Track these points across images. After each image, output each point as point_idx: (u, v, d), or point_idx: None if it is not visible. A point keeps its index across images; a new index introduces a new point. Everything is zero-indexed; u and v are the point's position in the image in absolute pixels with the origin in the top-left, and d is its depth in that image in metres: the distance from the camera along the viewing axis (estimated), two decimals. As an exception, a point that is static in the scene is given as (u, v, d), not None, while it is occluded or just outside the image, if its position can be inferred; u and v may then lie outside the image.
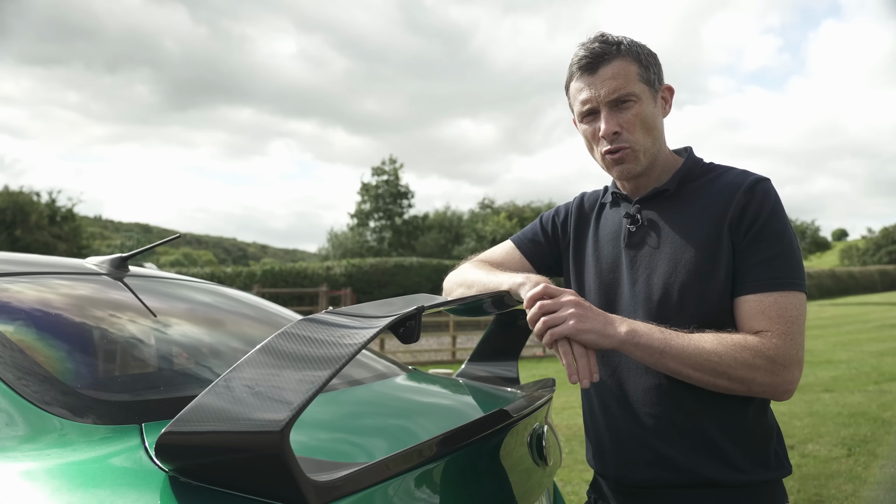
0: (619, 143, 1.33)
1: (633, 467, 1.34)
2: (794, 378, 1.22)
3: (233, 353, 1.51)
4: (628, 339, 1.19)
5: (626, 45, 1.34)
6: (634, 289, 1.35)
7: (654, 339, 1.20)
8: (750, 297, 1.25)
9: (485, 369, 1.85)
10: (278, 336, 0.88)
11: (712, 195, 1.33)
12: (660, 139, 1.38)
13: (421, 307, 1.02)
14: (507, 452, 1.29)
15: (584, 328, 1.16)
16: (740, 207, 1.28)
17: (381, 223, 47.37)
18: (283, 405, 0.76)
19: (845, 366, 10.13)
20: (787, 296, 1.24)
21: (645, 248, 1.37)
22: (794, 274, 1.25)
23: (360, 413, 1.35)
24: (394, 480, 0.94)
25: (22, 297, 1.35)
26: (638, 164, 1.35)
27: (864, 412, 6.56)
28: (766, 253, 1.26)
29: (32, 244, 33.01)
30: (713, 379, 1.21)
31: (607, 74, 1.32)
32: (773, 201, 1.29)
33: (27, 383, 1.04)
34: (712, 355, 1.19)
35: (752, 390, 1.22)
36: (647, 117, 1.33)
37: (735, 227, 1.28)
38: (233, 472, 0.79)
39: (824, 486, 4.29)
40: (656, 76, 1.37)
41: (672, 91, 1.41)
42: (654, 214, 1.38)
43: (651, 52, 1.38)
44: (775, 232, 1.27)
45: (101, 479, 0.88)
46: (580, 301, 1.19)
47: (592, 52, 1.33)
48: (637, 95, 1.32)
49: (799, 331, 1.23)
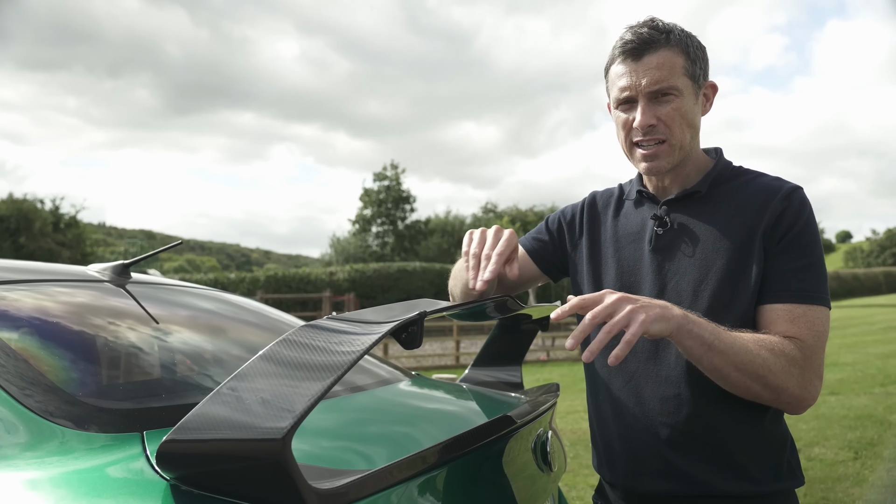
0: (655, 135, 1.27)
1: (643, 477, 1.31)
2: (816, 392, 1.19)
3: (235, 361, 1.51)
4: (684, 324, 1.10)
5: (676, 34, 1.27)
6: (661, 294, 1.29)
7: (705, 330, 1.12)
8: (779, 306, 1.21)
9: (488, 374, 1.84)
10: (279, 343, 0.88)
11: (744, 200, 1.28)
12: (696, 137, 1.33)
13: (423, 313, 1.01)
14: (511, 458, 1.28)
15: (652, 317, 1.06)
16: (777, 214, 1.24)
17: (384, 228, 47.43)
18: (285, 412, 0.76)
19: (851, 368, 10.10)
20: (816, 310, 1.21)
21: (673, 252, 1.31)
22: (821, 288, 1.22)
23: (363, 420, 1.34)
24: (397, 487, 0.94)
25: (24, 305, 1.35)
26: (670, 160, 1.29)
27: (871, 415, 6.53)
28: (797, 263, 1.22)
29: (36, 251, 33.09)
30: (750, 382, 1.15)
31: (652, 63, 1.25)
32: (809, 212, 1.25)
33: (29, 392, 1.04)
34: (756, 357, 1.14)
35: (779, 399, 1.18)
36: (686, 113, 1.27)
37: (770, 234, 1.24)
38: (235, 480, 0.79)
39: (831, 490, 4.26)
40: (702, 71, 1.31)
41: (716, 88, 1.35)
42: (684, 217, 1.32)
43: (701, 45, 1.31)
44: (808, 243, 1.23)
45: (103, 488, 0.88)
46: (625, 295, 1.09)
47: (640, 36, 1.26)
48: (679, 90, 1.26)
49: (823, 346, 1.20)
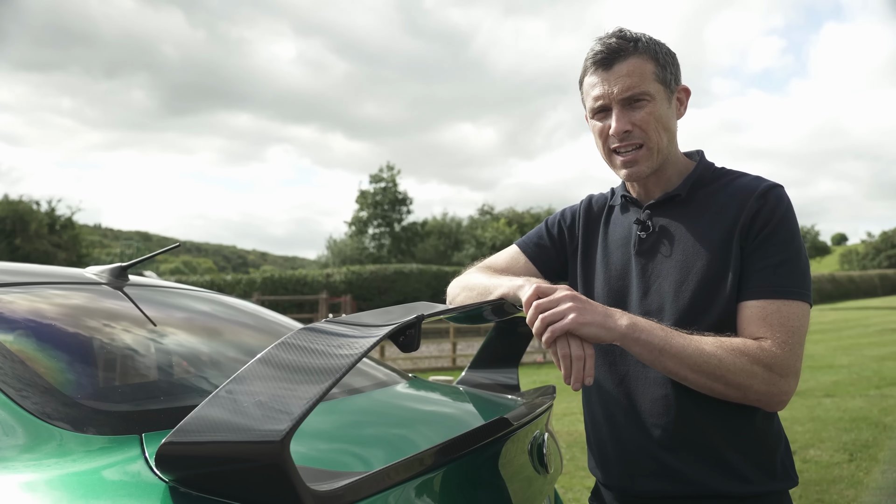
0: (631, 140, 1.30)
1: (637, 478, 1.32)
2: (789, 389, 1.20)
3: (232, 363, 1.51)
4: (629, 333, 1.15)
5: (644, 42, 1.30)
6: (645, 297, 1.33)
7: (654, 336, 1.16)
8: (753, 302, 1.23)
9: (485, 376, 1.85)
10: (278, 346, 0.88)
11: (724, 201, 1.30)
12: (673, 140, 1.36)
13: (420, 316, 1.01)
14: (507, 460, 1.28)
15: (584, 321, 1.12)
16: (752, 213, 1.26)
17: (380, 230, 47.41)
18: (284, 415, 0.76)
19: (846, 370, 10.12)
20: (791, 305, 1.21)
21: (655, 255, 1.34)
22: (798, 283, 1.23)
23: (361, 422, 1.34)
24: (394, 489, 0.94)
25: (22, 308, 1.35)
26: (649, 164, 1.32)
27: (866, 417, 6.55)
28: (772, 259, 1.24)
29: (32, 253, 32.98)
30: (710, 382, 1.18)
31: (622, 71, 1.29)
32: (785, 208, 1.27)
33: (27, 394, 1.04)
34: (712, 358, 1.16)
35: (747, 397, 1.20)
36: (661, 117, 1.30)
37: (746, 232, 1.26)
38: (233, 482, 0.79)
39: (826, 492, 4.28)
40: (673, 76, 1.34)
41: (688, 93, 1.38)
42: (666, 221, 1.35)
43: (670, 51, 1.35)
44: (783, 239, 1.25)
45: (102, 490, 0.88)
46: (576, 295, 1.16)
47: (609, 47, 1.30)
48: (651, 95, 1.29)
49: (799, 342, 1.21)
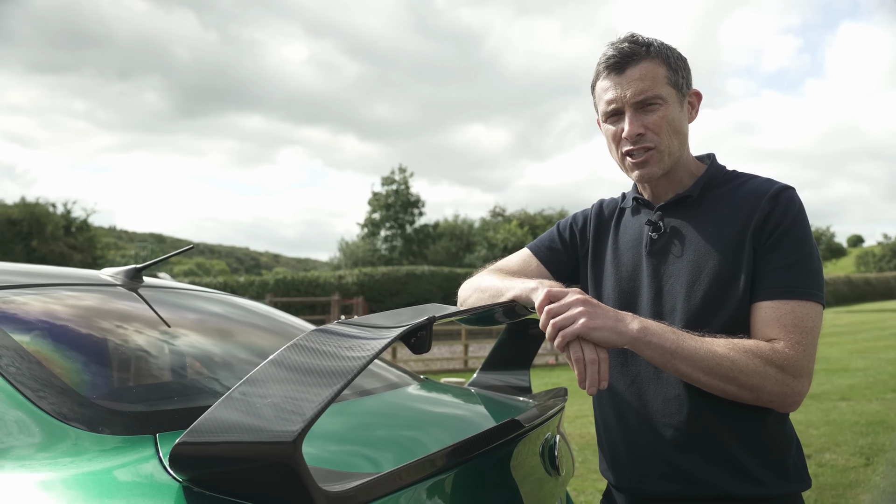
0: (644, 143, 1.31)
1: (649, 480, 1.32)
2: (802, 390, 1.20)
3: (245, 364, 1.52)
4: (640, 337, 1.15)
5: (655, 46, 1.32)
6: (658, 298, 1.33)
7: (665, 339, 1.16)
8: (766, 303, 1.23)
9: (497, 378, 1.85)
10: (290, 348, 0.89)
11: (736, 203, 1.32)
12: (684, 143, 1.37)
13: (432, 318, 1.02)
14: (519, 462, 1.28)
15: (595, 325, 1.13)
16: (764, 214, 1.27)
17: (392, 232, 47.48)
18: (296, 416, 0.77)
19: (862, 374, 10.01)
20: (804, 306, 1.22)
21: (667, 255, 1.35)
22: (811, 284, 1.24)
23: (372, 423, 1.35)
24: (406, 491, 0.94)
25: (39, 309, 1.37)
26: (661, 166, 1.33)
27: (882, 420, 6.47)
28: (785, 260, 1.24)
29: (48, 255, 33.35)
30: (722, 384, 1.18)
31: (635, 75, 1.30)
32: (797, 210, 1.28)
33: (43, 394, 1.05)
34: (724, 360, 1.17)
35: (759, 398, 1.20)
36: (672, 120, 1.32)
37: (758, 234, 1.27)
38: (246, 482, 0.80)
39: (842, 497, 4.23)
40: (685, 80, 1.36)
41: (700, 96, 1.40)
42: (677, 222, 1.36)
43: (681, 55, 1.37)
44: (796, 240, 1.25)
45: (116, 490, 0.89)
46: (587, 299, 1.17)
47: (621, 51, 1.32)
48: (663, 98, 1.31)
49: (812, 342, 1.21)
